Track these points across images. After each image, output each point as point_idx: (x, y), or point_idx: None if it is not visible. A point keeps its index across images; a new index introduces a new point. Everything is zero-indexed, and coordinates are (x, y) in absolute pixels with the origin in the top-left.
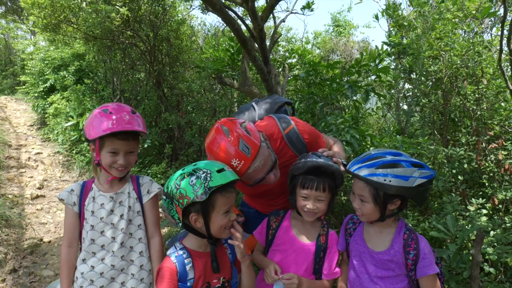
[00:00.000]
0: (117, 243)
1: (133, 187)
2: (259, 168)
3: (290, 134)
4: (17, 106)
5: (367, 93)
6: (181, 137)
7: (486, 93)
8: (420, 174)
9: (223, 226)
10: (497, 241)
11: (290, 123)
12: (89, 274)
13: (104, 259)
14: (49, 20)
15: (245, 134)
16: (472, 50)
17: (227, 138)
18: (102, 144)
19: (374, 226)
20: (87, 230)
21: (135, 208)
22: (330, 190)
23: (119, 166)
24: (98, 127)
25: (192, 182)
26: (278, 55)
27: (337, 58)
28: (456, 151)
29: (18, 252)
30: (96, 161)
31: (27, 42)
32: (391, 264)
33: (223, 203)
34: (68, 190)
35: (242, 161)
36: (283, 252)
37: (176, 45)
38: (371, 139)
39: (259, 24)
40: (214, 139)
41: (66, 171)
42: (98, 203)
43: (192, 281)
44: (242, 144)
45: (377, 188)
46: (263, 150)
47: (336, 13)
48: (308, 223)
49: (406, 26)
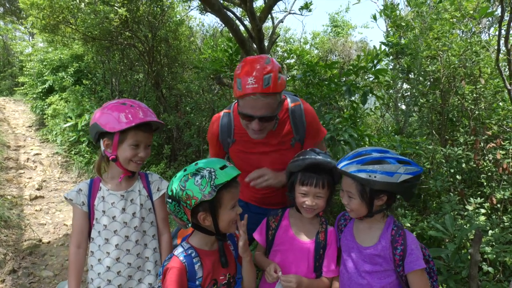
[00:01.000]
0: (132, 242)
1: (143, 185)
2: (260, 106)
3: (295, 109)
4: (16, 107)
5: (365, 94)
6: (180, 137)
7: (484, 92)
8: (406, 170)
9: (231, 221)
10: (496, 240)
11: (298, 100)
12: (105, 275)
13: (119, 258)
14: (47, 21)
15: (280, 68)
16: (470, 50)
17: (272, 62)
18: (123, 137)
19: (364, 222)
20: (98, 230)
21: (146, 206)
22: (329, 187)
23: (139, 159)
24: (120, 119)
25: (198, 182)
26: (276, 55)
27: (335, 59)
28: (454, 150)
29: (17, 253)
30: (113, 156)
31: (25, 44)
32: (378, 259)
33: (229, 198)
34: (76, 190)
35: (258, 84)
36: (283, 252)
37: (174, 45)
38: (369, 139)
39: (257, 24)
40: (257, 57)
41: (65, 172)
42: (108, 202)
43: (200, 280)
44: (274, 75)
45: (364, 184)
46: (277, 99)
47: (334, 13)
48: (307, 221)
49: (404, 26)
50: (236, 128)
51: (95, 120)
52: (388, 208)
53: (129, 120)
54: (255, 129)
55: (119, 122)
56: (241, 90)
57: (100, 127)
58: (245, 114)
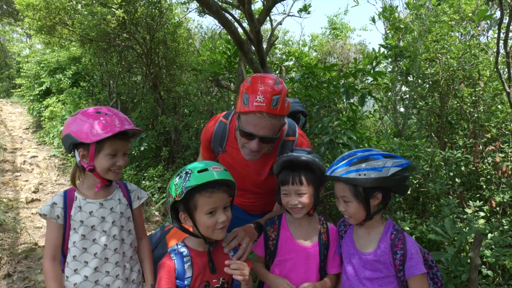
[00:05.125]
0: (111, 250)
1: (123, 194)
2: (263, 125)
3: (286, 144)
4: (13, 109)
5: (363, 97)
6: (178, 140)
7: (483, 95)
8: (393, 163)
9: (210, 227)
10: (495, 244)
11: (294, 135)
12: (83, 284)
13: (97, 267)
14: (44, 22)
15: (288, 102)
16: (469, 53)
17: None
18: (100, 147)
19: (363, 227)
20: (75, 240)
21: (126, 214)
22: (310, 182)
23: (117, 168)
24: (97, 129)
25: (176, 181)
26: (275, 57)
27: (334, 61)
28: (453, 153)
29: (12, 257)
30: (91, 166)
31: (22, 45)
32: (378, 265)
33: (204, 203)
34: (50, 204)
35: (265, 103)
36: (289, 261)
37: (172, 47)
38: (368, 141)
39: (256, 26)
40: (267, 76)
41: (62, 175)
42: (86, 211)
43: (189, 280)
44: (283, 97)
45: (355, 184)
46: (281, 122)
47: (333, 15)
48: (305, 223)
49: (403, 28)
50: (229, 141)
51: (68, 131)
52: (385, 208)
53: (106, 130)
54: (254, 149)
55: (95, 132)
56: (247, 106)
57: (74, 138)
58: (246, 132)
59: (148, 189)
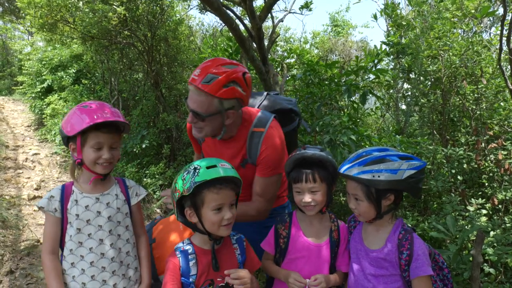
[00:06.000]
0: (107, 245)
1: (121, 190)
2: (193, 99)
3: (255, 134)
4: (15, 107)
5: (364, 95)
6: (179, 137)
7: (485, 92)
8: (409, 165)
9: (215, 223)
10: (497, 242)
11: (264, 127)
12: (80, 277)
13: (93, 262)
14: (45, 19)
15: (240, 78)
16: (471, 50)
17: (233, 71)
18: (84, 140)
19: (372, 224)
20: (71, 234)
21: (123, 210)
22: (323, 179)
23: (104, 161)
24: (80, 122)
25: (184, 176)
26: (276, 55)
27: (336, 58)
28: (455, 151)
29: (15, 254)
30: (79, 160)
31: (24, 43)
32: (384, 262)
33: (211, 199)
34: (47, 197)
35: (198, 77)
36: (301, 259)
37: (174, 45)
38: (370, 140)
39: (257, 23)
40: (225, 60)
41: (64, 172)
42: (82, 205)
43: (194, 277)
44: (223, 80)
45: (368, 185)
46: (212, 103)
47: (334, 13)
48: (316, 221)
49: (405, 25)
50: None
51: (61, 126)
52: (396, 208)
53: (89, 120)
54: (189, 120)
55: (79, 124)
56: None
57: (63, 132)
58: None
59: (149, 186)
